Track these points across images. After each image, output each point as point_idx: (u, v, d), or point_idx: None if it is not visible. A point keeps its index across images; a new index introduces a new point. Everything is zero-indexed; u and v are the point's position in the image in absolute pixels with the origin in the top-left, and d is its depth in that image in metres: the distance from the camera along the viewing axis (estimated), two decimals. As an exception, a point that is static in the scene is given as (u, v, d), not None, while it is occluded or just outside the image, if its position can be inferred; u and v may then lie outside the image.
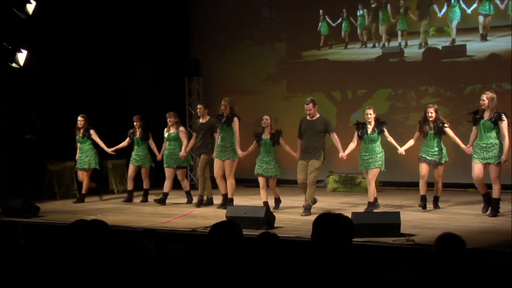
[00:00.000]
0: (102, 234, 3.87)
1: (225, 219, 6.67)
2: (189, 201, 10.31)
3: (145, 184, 10.68)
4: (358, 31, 12.83)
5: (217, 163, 9.51)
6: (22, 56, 11.34)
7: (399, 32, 12.45)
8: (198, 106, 10.16)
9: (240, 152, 9.32)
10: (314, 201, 8.84)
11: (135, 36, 13.51)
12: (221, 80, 13.99)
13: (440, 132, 8.66)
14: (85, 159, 10.63)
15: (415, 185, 8.97)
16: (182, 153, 10.11)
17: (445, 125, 8.66)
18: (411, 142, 8.87)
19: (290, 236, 6.82)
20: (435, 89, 12.11)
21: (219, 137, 9.49)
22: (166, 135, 10.34)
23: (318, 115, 8.88)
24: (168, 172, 10.30)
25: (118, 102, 13.22)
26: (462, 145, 8.46)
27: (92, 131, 10.64)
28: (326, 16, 13.13)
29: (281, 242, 4.16)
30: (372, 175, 8.79)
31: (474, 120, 8.31)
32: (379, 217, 6.98)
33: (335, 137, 8.86)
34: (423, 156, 8.75)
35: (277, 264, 3.78)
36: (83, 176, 10.68)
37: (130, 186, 10.68)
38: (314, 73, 13.20)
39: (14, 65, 11.35)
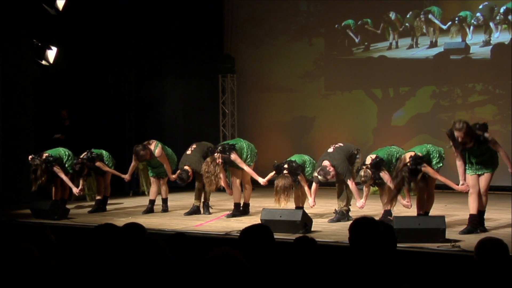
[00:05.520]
0: (138, 237, 3.97)
1: (259, 222, 6.72)
2: (165, 209, 9.96)
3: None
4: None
5: (231, 171, 9.23)
6: (51, 53, 11.61)
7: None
8: None
9: (261, 180, 8.85)
10: (348, 208, 8.56)
11: (166, 31, 13.65)
12: (256, 77, 14.06)
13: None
14: None
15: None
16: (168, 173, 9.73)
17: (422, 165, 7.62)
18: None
19: (328, 241, 6.87)
20: (483, 86, 11.98)
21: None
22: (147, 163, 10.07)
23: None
24: (156, 181, 10.07)
25: (149, 100, 13.37)
26: (454, 186, 7.47)
27: None
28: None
29: (319, 247, 4.20)
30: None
31: (457, 146, 7.19)
32: (423, 221, 6.96)
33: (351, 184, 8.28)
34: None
35: (315, 270, 3.82)
36: None
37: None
38: (353, 70, 13.17)
39: (43, 62, 11.62)
